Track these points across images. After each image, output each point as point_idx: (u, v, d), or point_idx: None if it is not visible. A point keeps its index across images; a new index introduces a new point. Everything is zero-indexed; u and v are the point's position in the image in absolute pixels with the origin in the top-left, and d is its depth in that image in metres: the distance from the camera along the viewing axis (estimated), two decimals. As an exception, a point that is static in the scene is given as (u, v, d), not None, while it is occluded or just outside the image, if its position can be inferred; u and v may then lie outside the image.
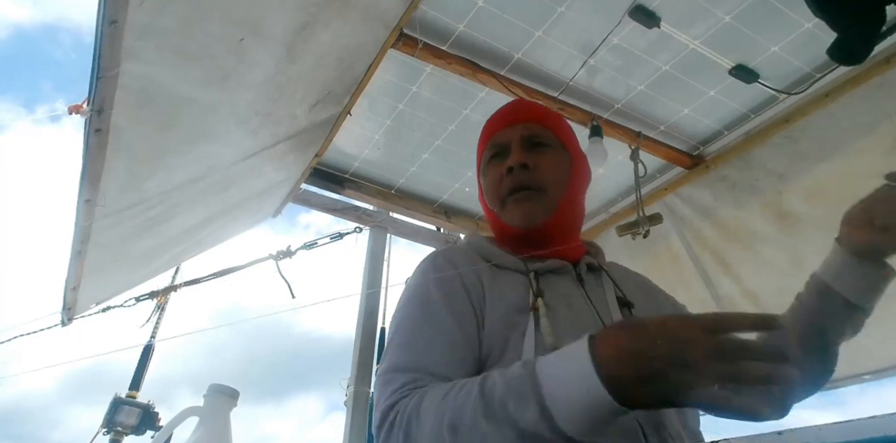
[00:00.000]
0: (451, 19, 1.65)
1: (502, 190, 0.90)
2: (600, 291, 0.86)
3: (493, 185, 0.92)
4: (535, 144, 0.91)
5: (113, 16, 0.93)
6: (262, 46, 1.26)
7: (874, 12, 1.12)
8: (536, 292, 0.79)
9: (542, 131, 0.93)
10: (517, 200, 0.88)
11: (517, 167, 0.88)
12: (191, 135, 1.40)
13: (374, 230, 2.32)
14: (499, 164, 0.92)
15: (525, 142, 0.91)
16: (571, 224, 0.94)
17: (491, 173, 0.93)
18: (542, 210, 0.87)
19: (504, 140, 0.93)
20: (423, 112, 1.97)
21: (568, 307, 0.80)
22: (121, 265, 1.80)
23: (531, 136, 0.92)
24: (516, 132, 0.93)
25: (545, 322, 0.74)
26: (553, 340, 0.72)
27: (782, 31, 1.64)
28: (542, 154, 0.91)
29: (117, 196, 1.34)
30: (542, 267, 0.85)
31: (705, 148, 2.11)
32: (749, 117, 1.95)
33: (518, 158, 0.88)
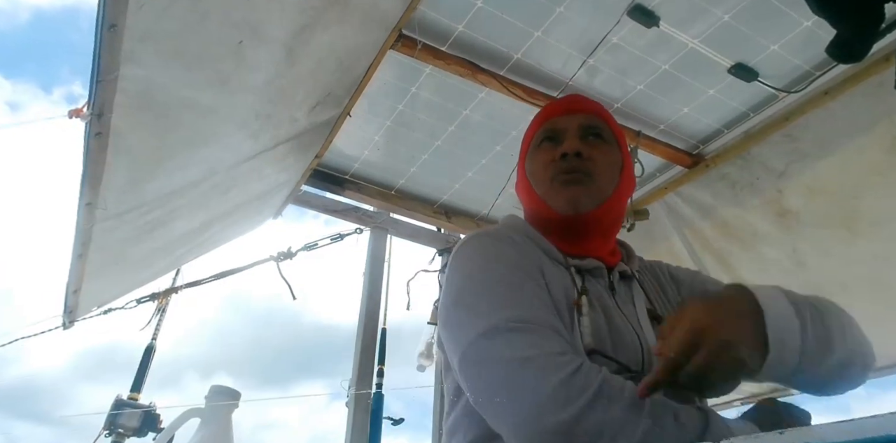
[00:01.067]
0: (450, 20, 1.65)
1: (552, 172, 0.86)
2: (630, 303, 0.83)
3: (541, 168, 0.88)
4: (593, 134, 0.89)
5: (112, 19, 0.93)
6: (261, 49, 1.26)
7: (873, 10, 1.12)
8: (581, 290, 0.77)
9: (600, 124, 0.91)
10: (567, 181, 0.84)
11: (572, 154, 0.84)
12: (191, 138, 1.40)
13: (375, 231, 2.32)
14: (551, 148, 0.88)
15: (582, 131, 0.88)
16: (613, 224, 0.91)
17: (541, 157, 0.89)
18: (589, 196, 0.84)
19: (561, 126, 0.90)
20: (422, 113, 1.97)
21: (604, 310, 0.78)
22: (122, 268, 1.81)
23: (590, 126, 0.89)
24: (575, 120, 0.90)
25: (586, 321, 0.72)
26: (591, 341, 0.71)
27: (781, 29, 1.64)
28: (599, 147, 0.88)
29: (118, 199, 1.34)
30: (580, 265, 0.83)
31: (705, 147, 2.11)
32: (749, 116, 1.95)
33: (574, 145, 0.85)
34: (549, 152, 0.88)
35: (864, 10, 1.11)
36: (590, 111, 0.92)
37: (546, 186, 0.87)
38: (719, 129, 2.02)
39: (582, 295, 0.75)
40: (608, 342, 0.73)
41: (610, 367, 0.67)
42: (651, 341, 0.76)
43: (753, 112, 1.93)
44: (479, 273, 0.75)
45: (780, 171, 1.94)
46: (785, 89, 1.81)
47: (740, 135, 2.01)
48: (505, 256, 0.77)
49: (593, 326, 0.72)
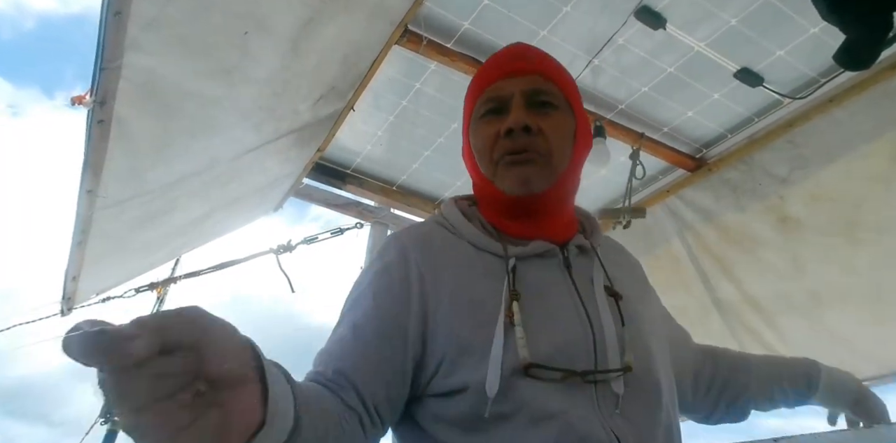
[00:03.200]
0: (456, 17, 1.65)
1: (497, 151, 0.76)
2: (588, 280, 0.76)
3: (486, 145, 0.78)
4: (539, 102, 0.77)
5: (117, 7, 0.94)
6: (266, 40, 1.26)
7: (882, 17, 1.11)
8: (512, 294, 0.69)
9: (547, 87, 0.79)
10: (515, 161, 0.75)
11: (518, 129, 0.74)
12: (193, 128, 1.40)
13: (375, 226, 2.32)
14: (494, 120, 0.78)
15: (528, 99, 0.77)
16: (569, 197, 0.82)
17: (484, 132, 0.78)
18: (542, 176, 0.75)
19: (503, 93, 0.78)
20: (426, 109, 1.97)
21: (549, 305, 0.71)
22: (121, 256, 1.81)
23: (535, 91, 0.77)
24: (517, 85, 0.78)
25: (519, 332, 0.65)
26: (527, 353, 0.64)
27: (788, 35, 1.63)
28: (548, 116, 0.77)
29: (119, 187, 1.34)
30: (523, 252, 0.75)
31: (708, 151, 2.10)
32: (753, 121, 1.94)
33: (519, 119, 0.74)
34: (492, 125, 0.78)
35: (873, 17, 1.11)
36: (535, 71, 0.80)
37: (492, 167, 0.78)
38: (723, 133, 2.02)
39: (514, 301, 0.68)
40: (551, 344, 0.67)
41: (553, 376, 0.64)
42: (606, 322, 0.70)
43: (758, 117, 1.93)
44: (347, 298, 0.76)
45: (782, 177, 1.94)
46: (790, 95, 1.81)
47: (744, 140, 2.00)
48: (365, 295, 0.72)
49: (530, 332, 0.66)
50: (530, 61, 0.81)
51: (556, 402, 0.63)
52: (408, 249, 0.75)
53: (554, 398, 0.63)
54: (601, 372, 0.66)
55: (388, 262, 0.74)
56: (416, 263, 0.73)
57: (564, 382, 0.65)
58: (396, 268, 0.73)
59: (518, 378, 0.64)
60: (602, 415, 0.65)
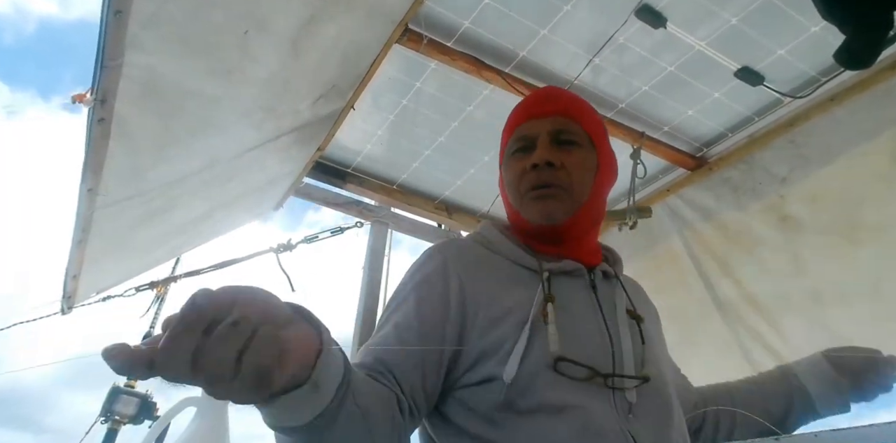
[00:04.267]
0: (456, 16, 1.65)
1: (524, 185, 0.87)
2: (611, 301, 0.83)
3: (514, 179, 0.89)
4: (562, 141, 0.88)
5: (118, 5, 0.94)
6: (267, 40, 1.26)
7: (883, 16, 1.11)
8: (547, 297, 0.77)
9: (571, 127, 0.89)
10: (539, 196, 0.85)
11: (542, 165, 0.84)
12: (194, 127, 1.40)
13: (376, 225, 2.32)
14: (523, 157, 0.88)
15: (553, 137, 0.88)
16: (591, 226, 0.91)
17: (514, 167, 0.89)
18: (563, 209, 0.85)
19: (531, 133, 0.89)
20: (426, 108, 1.97)
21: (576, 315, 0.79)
22: (122, 255, 1.81)
23: (559, 131, 0.88)
24: (544, 126, 0.89)
25: (552, 329, 0.73)
26: (557, 348, 0.71)
27: (789, 34, 1.63)
28: (570, 153, 0.87)
29: (119, 186, 1.34)
30: (556, 267, 0.83)
31: (708, 150, 2.10)
32: (753, 120, 1.94)
33: (544, 156, 0.85)
34: (520, 162, 0.88)
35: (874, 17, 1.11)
36: (560, 113, 0.90)
37: (519, 199, 0.88)
38: (723, 132, 2.02)
39: (548, 303, 0.76)
40: (576, 347, 0.73)
41: (578, 372, 0.71)
42: (626, 342, 0.77)
43: (758, 116, 1.93)
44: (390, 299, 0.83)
45: (782, 176, 1.94)
46: (791, 94, 1.81)
47: (744, 139, 2.00)
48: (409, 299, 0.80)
49: (560, 333, 0.73)
50: (557, 104, 0.92)
51: (577, 398, 0.69)
52: (448, 260, 0.84)
53: (576, 395, 0.69)
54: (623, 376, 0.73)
55: (428, 272, 0.83)
56: (457, 273, 0.81)
57: (586, 382, 0.71)
58: (437, 278, 0.81)
59: (546, 372, 0.71)
60: (619, 416, 0.70)
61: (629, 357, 0.75)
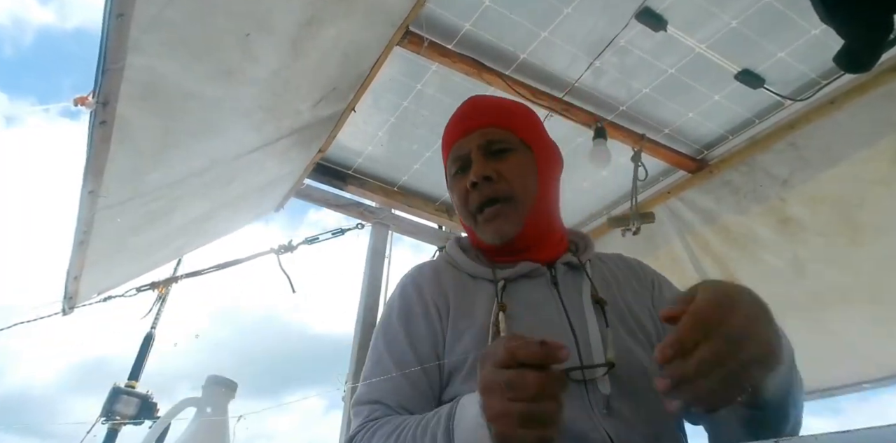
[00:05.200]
0: (457, 18, 1.65)
1: (471, 206, 0.88)
2: (576, 293, 0.83)
3: (460, 201, 0.90)
4: (494, 151, 0.88)
5: (120, 9, 0.94)
6: (267, 41, 1.27)
7: (883, 20, 1.11)
8: (498, 307, 0.78)
9: (500, 135, 0.89)
10: (486, 218, 0.86)
11: (480, 181, 0.85)
12: (195, 129, 1.41)
13: (376, 227, 2.32)
14: (462, 178, 0.89)
15: (484, 150, 0.88)
16: (546, 226, 0.91)
17: (456, 188, 0.90)
18: (512, 223, 0.85)
19: (463, 152, 0.90)
20: (427, 110, 1.97)
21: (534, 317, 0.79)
22: (123, 256, 1.81)
23: (488, 142, 0.88)
24: (473, 141, 0.89)
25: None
26: None
27: (789, 37, 1.63)
28: (504, 161, 0.87)
29: (120, 188, 1.34)
30: (512, 273, 0.84)
31: (709, 152, 2.10)
32: (754, 122, 1.94)
33: (479, 171, 0.85)
34: (461, 182, 0.89)
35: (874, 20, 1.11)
36: (483, 124, 0.90)
37: (471, 221, 0.89)
38: (724, 135, 2.02)
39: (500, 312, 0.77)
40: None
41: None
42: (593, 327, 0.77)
43: (759, 119, 1.93)
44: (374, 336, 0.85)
45: (783, 179, 1.94)
46: (791, 97, 1.81)
47: (745, 141, 2.00)
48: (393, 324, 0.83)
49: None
50: (481, 117, 0.92)
51: None
52: (422, 286, 0.86)
53: None
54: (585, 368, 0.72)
55: (408, 301, 0.85)
56: (431, 297, 0.84)
57: None
58: (417, 305, 0.84)
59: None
60: (595, 415, 0.69)
61: (597, 344, 0.75)
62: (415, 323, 0.82)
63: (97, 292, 1.95)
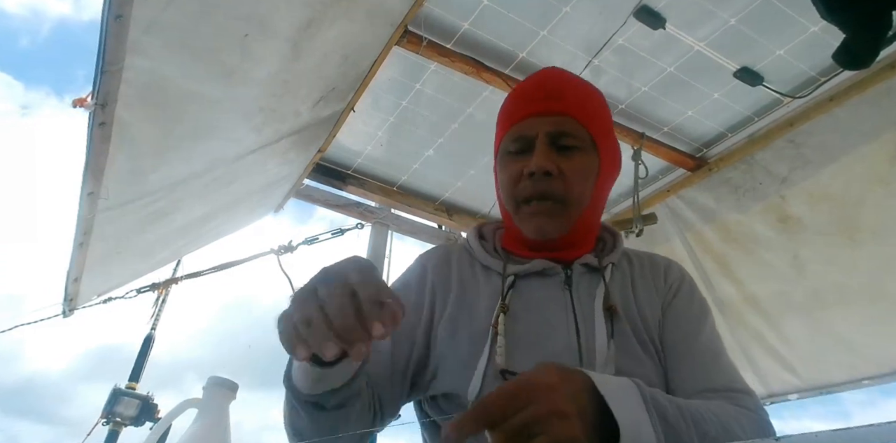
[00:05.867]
0: (456, 17, 1.65)
1: (519, 193, 0.81)
2: (589, 297, 0.78)
3: (509, 183, 0.82)
4: (563, 145, 0.80)
5: (118, 10, 0.94)
6: (267, 42, 1.27)
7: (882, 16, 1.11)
8: (501, 307, 0.75)
9: (573, 129, 0.81)
10: (534, 212, 0.79)
11: (539, 174, 0.78)
12: (194, 130, 1.41)
13: (376, 227, 2.32)
14: (519, 160, 0.82)
15: (551, 140, 0.80)
16: (588, 232, 0.86)
17: (509, 169, 0.83)
18: (558, 225, 0.80)
19: (528, 133, 0.81)
20: (426, 110, 1.97)
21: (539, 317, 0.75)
22: (123, 258, 1.81)
23: (559, 133, 0.80)
24: (543, 126, 0.80)
25: (501, 341, 0.71)
26: (504, 362, 0.69)
27: (788, 34, 1.63)
28: (570, 159, 0.80)
29: (120, 189, 1.34)
30: (524, 269, 0.80)
31: (708, 150, 2.10)
32: (753, 120, 1.94)
33: (541, 164, 0.77)
34: (515, 164, 0.82)
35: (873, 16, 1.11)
36: (562, 111, 0.82)
37: (513, 207, 0.83)
38: (723, 132, 2.02)
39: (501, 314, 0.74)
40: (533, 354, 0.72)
41: None
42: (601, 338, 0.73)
43: (758, 117, 1.93)
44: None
45: (782, 176, 1.94)
46: (790, 94, 1.81)
47: (744, 139, 2.00)
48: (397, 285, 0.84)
49: (510, 344, 0.71)
50: (559, 102, 0.83)
51: None
52: (427, 267, 0.85)
53: None
54: None
55: (409, 277, 0.84)
56: (432, 279, 0.82)
57: None
58: (416, 282, 0.83)
59: (497, 383, 0.68)
60: None
61: (602, 356, 0.71)
62: (405, 295, 0.80)
63: (97, 294, 1.95)
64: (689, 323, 0.80)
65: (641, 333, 0.77)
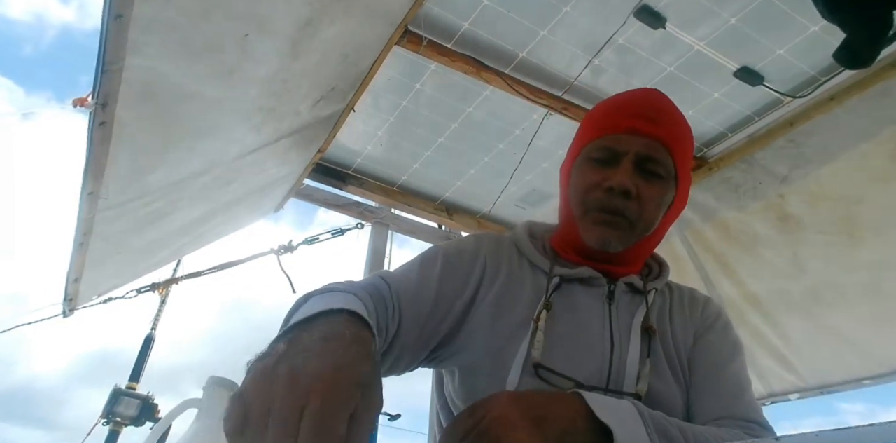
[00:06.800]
0: (456, 17, 1.65)
1: (591, 201, 0.80)
2: (628, 315, 0.80)
3: (583, 189, 0.82)
4: (648, 170, 0.80)
5: (119, 10, 0.94)
6: (266, 42, 1.26)
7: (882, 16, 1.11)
8: (545, 304, 0.76)
9: (662, 157, 0.81)
10: (602, 221, 0.79)
11: (619, 190, 0.78)
12: (194, 129, 1.40)
13: (376, 226, 2.32)
14: (600, 170, 0.81)
15: (639, 163, 0.80)
16: (640, 257, 0.88)
17: (588, 175, 0.82)
18: (621, 240, 0.80)
19: (619, 148, 0.81)
20: (426, 109, 1.97)
21: (576, 323, 0.76)
22: (123, 258, 1.81)
23: (648, 158, 0.80)
24: (634, 145, 0.80)
25: (540, 336, 0.73)
26: (539, 356, 0.71)
27: (788, 33, 1.63)
28: (651, 185, 0.80)
29: (120, 189, 1.34)
30: (568, 273, 0.81)
31: (709, 150, 2.10)
32: (753, 120, 1.94)
33: (625, 182, 0.78)
34: (596, 173, 0.81)
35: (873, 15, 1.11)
36: (656, 137, 0.81)
37: (581, 213, 0.82)
38: (723, 132, 2.02)
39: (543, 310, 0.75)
40: (564, 357, 0.73)
41: (554, 380, 0.70)
42: (634, 354, 0.75)
43: (758, 116, 1.93)
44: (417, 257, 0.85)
45: (782, 175, 1.94)
46: (790, 94, 1.81)
47: (744, 139, 2.00)
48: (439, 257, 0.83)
49: (547, 341, 0.73)
50: (658, 126, 0.83)
51: None
52: (483, 245, 0.86)
53: None
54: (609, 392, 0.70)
55: (463, 249, 0.85)
56: (485, 258, 0.83)
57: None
58: (468, 257, 0.83)
59: (529, 376, 0.71)
60: None
61: (632, 373, 0.73)
62: (458, 260, 0.81)
63: (97, 294, 1.95)
64: (719, 355, 0.83)
65: (673, 358, 0.79)
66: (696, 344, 0.83)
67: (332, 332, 0.49)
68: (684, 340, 0.82)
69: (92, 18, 2.69)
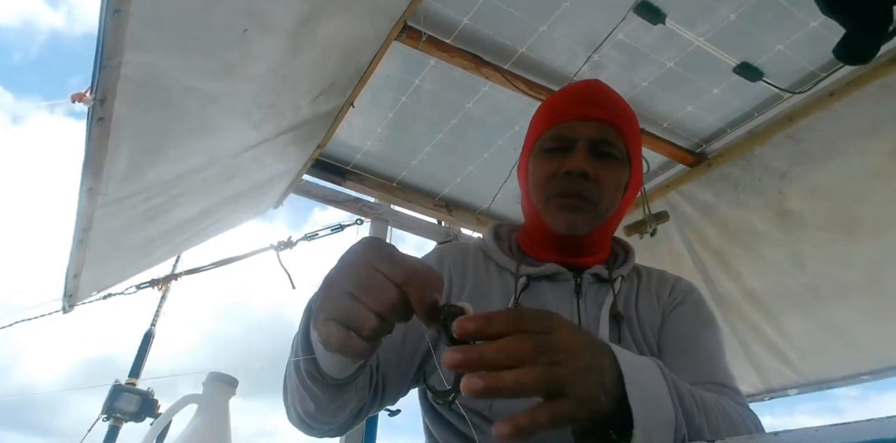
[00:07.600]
0: (455, 12, 1.65)
1: (551, 188, 0.83)
2: (596, 305, 0.81)
3: (542, 179, 0.84)
4: (603, 153, 0.83)
5: (117, 5, 0.93)
6: (266, 37, 1.26)
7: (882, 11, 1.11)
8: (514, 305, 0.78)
9: (613, 138, 0.84)
10: (566, 206, 0.82)
11: (576, 174, 0.80)
12: (194, 125, 1.40)
13: (375, 222, 2.32)
14: (556, 159, 0.83)
15: (592, 146, 0.83)
16: (604, 240, 0.89)
17: (544, 166, 0.84)
18: (586, 222, 0.82)
19: (571, 135, 0.83)
20: (425, 105, 1.97)
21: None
22: (122, 254, 1.81)
23: (601, 141, 0.83)
24: (587, 131, 0.83)
25: None
26: None
27: (788, 29, 1.63)
28: (607, 167, 0.83)
29: (119, 185, 1.34)
30: (535, 272, 0.83)
31: (708, 146, 2.10)
32: (753, 116, 1.94)
33: (580, 165, 0.80)
34: (552, 162, 0.84)
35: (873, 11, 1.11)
36: (605, 119, 0.84)
37: (543, 202, 0.84)
38: (723, 128, 2.02)
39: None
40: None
41: None
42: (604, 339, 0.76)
43: (758, 112, 1.93)
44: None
45: (782, 172, 1.94)
46: (790, 90, 1.81)
47: (744, 135, 2.00)
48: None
49: None
50: (606, 110, 0.86)
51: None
52: (445, 257, 0.87)
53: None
54: None
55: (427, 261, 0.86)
56: (449, 270, 0.84)
57: None
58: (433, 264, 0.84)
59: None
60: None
61: None
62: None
63: (97, 290, 1.95)
64: (689, 326, 0.83)
65: (640, 342, 0.80)
66: (666, 320, 0.84)
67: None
68: (650, 320, 0.83)
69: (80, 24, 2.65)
